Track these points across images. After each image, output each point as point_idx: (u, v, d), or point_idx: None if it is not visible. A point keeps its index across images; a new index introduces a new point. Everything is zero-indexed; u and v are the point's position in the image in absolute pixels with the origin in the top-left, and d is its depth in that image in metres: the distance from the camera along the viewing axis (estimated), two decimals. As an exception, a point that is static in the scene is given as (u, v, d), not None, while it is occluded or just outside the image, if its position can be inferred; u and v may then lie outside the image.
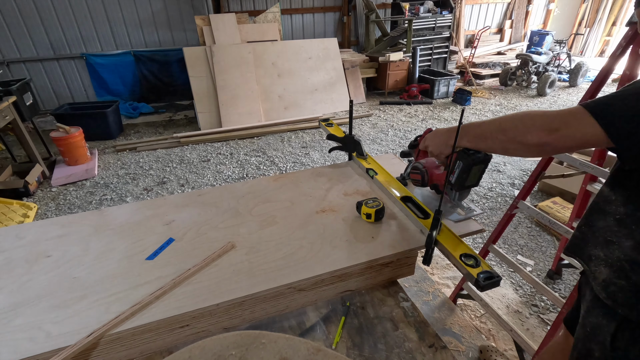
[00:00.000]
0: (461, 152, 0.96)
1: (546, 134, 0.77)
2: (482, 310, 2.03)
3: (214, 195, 1.28)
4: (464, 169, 0.95)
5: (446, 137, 0.99)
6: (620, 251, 0.83)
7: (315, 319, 0.96)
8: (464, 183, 0.98)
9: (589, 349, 0.91)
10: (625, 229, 0.82)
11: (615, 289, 0.83)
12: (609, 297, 0.84)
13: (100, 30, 5.61)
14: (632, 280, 0.81)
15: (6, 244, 1.06)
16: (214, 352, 0.68)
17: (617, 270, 0.83)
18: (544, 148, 0.79)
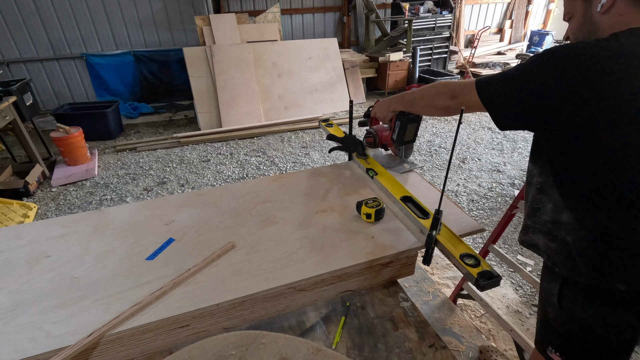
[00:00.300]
0: (399, 114, 1.22)
1: (449, 98, 0.99)
2: (482, 310, 2.03)
3: (214, 195, 1.28)
4: (401, 126, 1.22)
5: (388, 104, 1.24)
6: (545, 215, 0.96)
7: (315, 319, 0.96)
8: (402, 139, 1.25)
9: (545, 311, 1.02)
10: (545, 195, 0.95)
11: (550, 252, 0.95)
12: (549, 259, 0.96)
13: (100, 30, 5.61)
14: (558, 238, 0.92)
15: (6, 244, 1.06)
16: (214, 352, 0.68)
17: (547, 233, 0.95)
18: (449, 110, 1.01)
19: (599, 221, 0.85)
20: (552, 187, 0.92)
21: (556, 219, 0.92)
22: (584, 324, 0.92)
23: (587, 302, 0.91)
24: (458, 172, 3.69)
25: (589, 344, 0.95)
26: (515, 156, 3.97)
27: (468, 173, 3.66)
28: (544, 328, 1.05)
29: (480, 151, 4.12)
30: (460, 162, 3.89)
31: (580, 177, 0.85)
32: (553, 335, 1.02)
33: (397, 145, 1.30)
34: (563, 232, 0.91)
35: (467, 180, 3.53)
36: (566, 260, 0.90)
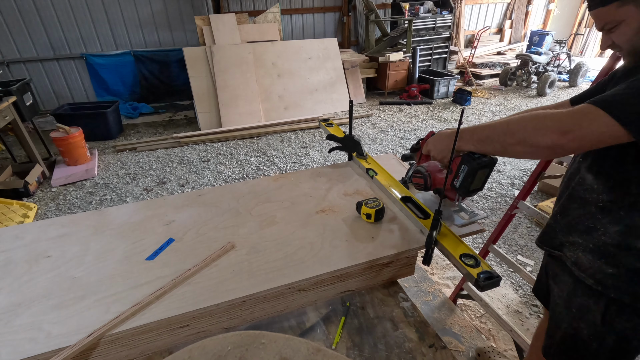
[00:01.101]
0: (466, 156, 0.93)
1: (559, 135, 0.75)
2: (482, 310, 2.03)
3: (214, 196, 1.28)
4: (469, 172, 0.92)
5: (449, 141, 0.97)
6: (606, 237, 0.87)
7: (315, 319, 0.96)
8: (469, 187, 0.95)
9: (576, 327, 0.97)
10: (611, 216, 0.86)
11: (602, 276, 0.88)
12: (598, 283, 0.89)
13: (100, 30, 5.61)
14: (622, 264, 0.85)
15: (6, 244, 1.06)
16: (214, 352, 0.68)
17: (605, 256, 0.88)
18: (556, 150, 0.78)
19: None
20: (630, 209, 0.83)
21: (627, 244, 0.84)
22: (623, 335, 0.91)
23: (631, 317, 0.88)
24: (458, 172, 3.69)
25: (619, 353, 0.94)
26: (515, 156, 3.97)
27: (468, 173, 3.65)
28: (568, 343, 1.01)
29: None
30: (460, 162, 3.88)
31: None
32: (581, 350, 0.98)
33: (461, 194, 1.00)
34: (632, 259, 0.84)
35: (467, 180, 3.53)
36: (627, 286, 0.86)
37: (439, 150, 1.00)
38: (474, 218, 1.09)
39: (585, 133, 0.74)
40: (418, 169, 1.10)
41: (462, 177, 0.94)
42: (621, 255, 0.85)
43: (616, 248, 0.86)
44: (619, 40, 0.82)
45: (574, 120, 0.75)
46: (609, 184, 0.86)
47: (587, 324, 0.94)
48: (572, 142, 0.75)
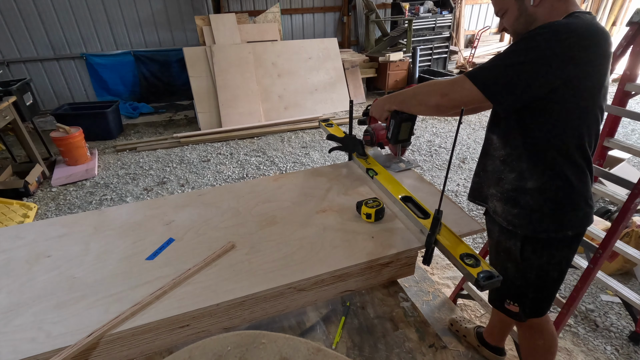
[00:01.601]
0: (393, 113, 1.22)
1: (440, 97, 1.03)
2: (482, 310, 2.03)
3: (214, 195, 1.28)
4: (395, 125, 1.22)
5: (383, 103, 1.25)
6: (508, 184, 1.11)
7: (315, 319, 0.96)
8: (397, 137, 1.24)
9: (505, 268, 1.20)
10: (509, 165, 1.10)
11: (511, 217, 1.11)
12: (509, 224, 1.12)
13: (100, 30, 5.61)
14: (521, 204, 1.09)
15: (6, 244, 1.06)
16: (214, 352, 0.68)
17: (509, 200, 1.11)
18: (440, 108, 1.04)
19: (564, 182, 1.03)
20: (518, 158, 1.07)
21: (520, 187, 1.08)
22: (540, 269, 1.14)
23: (543, 251, 1.11)
24: (458, 172, 3.69)
25: (541, 286, 1.18)
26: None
27: (468, 173, 3.66)
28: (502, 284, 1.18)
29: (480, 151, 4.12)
30: (460, 162, 3.89)
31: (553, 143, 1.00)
32: (511, 288, 1.22)
33: (392, 143, 1.30)
34: (527, 197, 1.07)
35: (467, 180, 3.53)
36: (529, 222, 1.09)
37: (377, 111, 1.28)
38: (409, 166, 1.39)
39: (457, 96, 0.99)
40: (367, 129, 1.41)
41: (391, 129, 1.24)
42: (518, 197, 1.09)
43: (514, 192, 1.10)
44: (506, 24, 1.06)
45: (450, 86, 1.01)
46: (503, 141, 1.10)
47: (512, 264, 1.18)
48: (448, 102, 1.01)
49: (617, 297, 2.08)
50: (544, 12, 0.98)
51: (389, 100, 1.22)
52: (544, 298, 1.22)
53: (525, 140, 1.04)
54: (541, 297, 1.21)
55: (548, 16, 0.97)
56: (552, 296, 1.23)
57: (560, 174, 1.03)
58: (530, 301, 1.21)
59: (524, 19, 1.01)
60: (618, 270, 2.25)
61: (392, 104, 1.21)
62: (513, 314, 1.25)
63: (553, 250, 1.12)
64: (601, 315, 2.01)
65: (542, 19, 0.98)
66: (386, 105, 1.23)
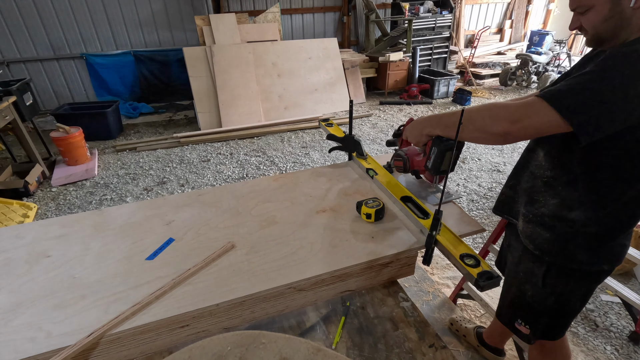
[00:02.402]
0: (436, 139, 1.03)
1: (509, 124, 0.85)
2: (482, 310, 2.03)
3: (214, 195, 1.28)
4: (438, 154, 1.03)
5: (422, 126, 1.07)
6: (546, 209, 1.00)
7: (315, 319, 0.96)
8: (439, 167, 1.05)
9: (522, 290, 1.12)
10: (552, 189, 0.98)
11: (541, 241, 1.02)
12: (537, 248, 1.03)
13: (100, 30, 5.61)
14: (556, 231, 0.99)
15: (6, 244, 1.06)
16: (214, 352, 0.68)
17: (542, 225, 1.01)
18: (507, 137, 0.88)
19: (615, 220, 0.93)
20: (568, 185, 0.95)
21: (561, 215, 0.97)
22: (562, 297, 1.06)
23: (569, 279, 1.03)
24: (458, 172, 3.69)
25: (559, 312, 1.10)
26: (515, 156, 3.97)
27: (468, 173, 3.66)
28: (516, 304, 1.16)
29: (480, 151, 4.12)
30: (460, 162, 3.89)
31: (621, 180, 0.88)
32: (526, 310, 1.13)
33: (432, 174, 1.12)
34: (565, 226, 0.97)
35: (467, 180, 3.53)
36: (562, 250, 0.99)
37: (414, 135, 1.10)
38: (449, 198, 1.19)
39: (531, 122, 0.83)
40: (398, 153, 1.21)
41: (432, 158, 1.05)
42: (555, 224, 0.99)
43: (552, 218, 0.99)
44: (586, 24, 0.88)
45: (522, 111, 0.84)
46: (554, 162, 0.97)
47: (531, 286, 1.09)
48: (519, 131, 0.85)
49: (617, 297, 2.08)
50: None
51: (431, 123, 1.04)
52: (559, 324, 1.13)
53: (586, 170, 0.91)
54: (556, 324, 1.13)
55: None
56: (568, 323, 1.14)
57: (613, 212, 0.92)
58: (544, 325, 1.12)
59: (615, 22, 0.83)
60: (618, 270, 2.25)
61: (434, 128, 1.02)
62: (522, 334, 1.17)
63: (581, 281, 1.03)
64: (601, 315, 2.01)
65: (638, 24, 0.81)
66: (426, 129, 1.05)
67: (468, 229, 1.07)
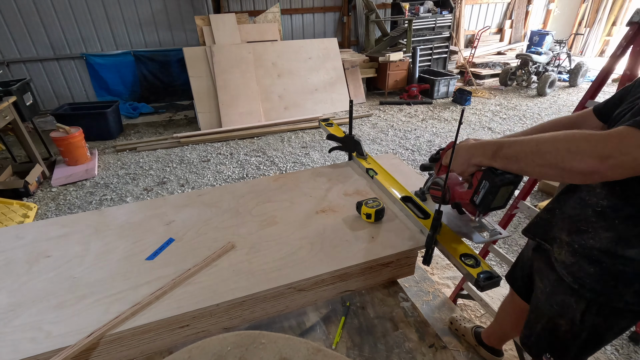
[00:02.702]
0: (488, 171, 0.85)
1: (598, 162, 0.68)
2: (482, 310, 2.03)
3: (214, 195, 1.28)
4: (490, 189, 0.85)
5: (470, 155, 0.89)
6: (595, 241, 0.87)
7: (315, 319, 0.96)
8: (490, 205, 0.87)
9: (556, 323, 1.00)
10: (606, 221, 0.85)
11: (583, 275, 0.89)
12: (575, 281, 0.91)
13: (100, 30, 5.61)
14: (603, 266, 0.86)
15: (6, 244, 1.06)
16: (214, 352, 0.68)
17: (589, 258, 0.88)
18: (593, 177, 0.70)
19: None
20: (628, 219, 0.82)
21: (615, 251, 0.84)
22: (596, 332, 0.95)
23: (610, 317, 0.92)
24: (458, 172, 3.69)
25: (589, 346, 0.99)
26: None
27: (468, 173, 3.65)
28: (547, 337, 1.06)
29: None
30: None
31: None
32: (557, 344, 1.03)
33: (481, 211, 0.93)
34: (616, 263, 0.84)
35: (467, 180, 3.52)
36: (605, 287, 0.87)
37: (459, 164, 0.92)
38: (495, 237, 1.00)
39: (627, 159, 0.66)
40: (436, 181, 1.03)
41: (482, 193, 0.87)
42: (606, 260, 0.86)
43: (602, 253, 0.86)
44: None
45: (613, 144, 0.67)
46: (613, 191, 0.83)
47: (566, 321, 0.97)
48: (611, 169, 0.68)
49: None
50: None
51: (484, 151, 0.85)
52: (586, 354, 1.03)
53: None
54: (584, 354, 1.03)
55: None
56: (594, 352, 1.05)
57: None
58: (572, 357, 1.03)
59: None
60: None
61: (488, 159, 0.84)
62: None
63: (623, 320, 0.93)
64: (601, 315, 2.01)
65: None
66: (476, 158, 0.87)
67: (468, 229, 1.06)
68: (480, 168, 0.88)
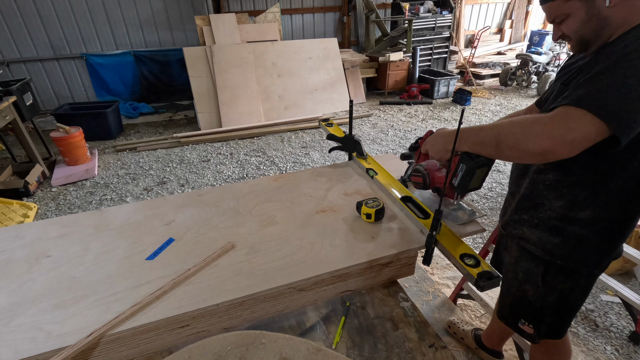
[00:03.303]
0: (464, 155, 0.94)
1: (550, 142, 0.77)
2: (482, 310, 2.03)
3: (214, 195, 1.28)
4: (467, 171, 0.93)
5: (446, 141, 0.98)
6: (551, 211, 1.00)
7: (315, 319, 0.96)
8: (467, 186, 0.95)
9: (524, 290, 1.12)
10: (555, 191, 0.97)
11: (551, 246, 1.01)
12: (547, 253, 1.03)
13: (100, 30, 5.61)
14: (564, 233, 0.98)
15: (6, 244, 1.06)
16: (214, 352, 0.68)
17: (550, 229, 1.01)
18: (547, 156, 0.79)
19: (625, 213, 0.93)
20: (573, 185, 0.93)
21: (569, 216, 0.96)
22: (561, 294, 1.07)
23: (567, 278, 1.04)
24: (458, 172, 3.69)
25: (560, 310, 1.11)
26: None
27: (468, 173, 3.65)
28: (518, 304, 1.17)
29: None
30: (460, 162, 3.88)
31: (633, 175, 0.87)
32: (528, 309, 1.14)
33: (459, 192, 1.02)
34: (575, 227, 0.96)
35: (467, 180, 3.52)
36: (571, 252, 0.99)
37: (437, 149, 1.01)
38: (472, 217, 1.09)
39: (576, 136, 0.75)
40: (417, 168, 1.10)
41: (460, 175, 0.95)
42: (564, 226, 0.98)
43: (560, 221, 0.98)
44: (568, 31, 0.90)
45: (559, 123, 0.77)
46: (556, 165, 0.95)
47: (531, 285, 1.10)
48: (561, 147, 0.77)
49: (617, 297, 2.08)
50: (620, 14, 0.82)
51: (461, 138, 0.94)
52: (562, 322, 1.14)
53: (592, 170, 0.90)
54: (559, 321, 1.13)
55: (626, 17, 0.82)
56: (570, 320, 1.15)
57: (624, 205, 0.91)
58: (547, 324, 1.13)
59: (594, 23, 0.84)
60: (618, 270, 2.25)
61: (461, 144, 0.94)
62: (526, 334, 1.18)
63: (581, 279, 1.04)
64: (601, 315, 2.01)
65: (618, 21, 0.83)
66: (451, 145, 0.95)
67: (468, 229, 1.07)
68: (457, 153, 0.96)
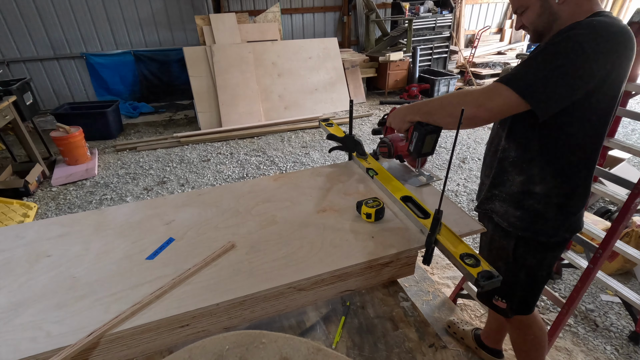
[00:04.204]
0: (417, 125, 1.11)
1: (475, 108, 0.95)
2: (482, 310, 2.03)
3: (214, 195, 1.28)
4: (419, 138, 1.10)
5: (404, 113, 1.16)
6: (515, 186, 1.12)
7: (315, 319, 0.96)
8: (420, 151, 1.12)
9: (497, 267, 1.22)
10: (517, 168, 1.11)
11: (513, 219, 1.15)
12: (510, 225, 1.16)
13: (100, 30, 5.61)
14: (525, 207, 1.11)
15: (6, 244, 1.06)
16: (214, 352, 0.68)
17: (513, 202, 1.14)
18: (475, 120, 0.98)
19: (573, 188, 1.06)
20: (529, 162, 1.07)
21: (527, 190, 1.10)
22: (530, 269, 1.18)
23: (536, 252, 1.16)
24: (458, 172, 3.69)
25: (529, 284, 1.22)
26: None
27: (468, 173, 3.66)
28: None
29: (480, 151, 4.12)
30: (460, 162, 3.89)
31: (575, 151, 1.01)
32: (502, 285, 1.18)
33: (414, 157, 1.20)
34: (532, 201, 1.10)
35: (467, 180, 3.53)
36: (531, 224, 1.12)
37: (397, 122, 1.19)
38: (430, 180, 1.27)
39: (494, 105, 0.94)
40: (383, 139, 1.30)
41: (414, 142, 1.13)
42: (524, 199, 1.11)
43: (520, 194, 1.12)
44: (526, 22, 1.03)
45: (485, 95, 0.95)
46: (516, 143, 1.09)
47: (503, 262, 1.22)
48: (484, 113, 0.95)
49: (617, 297, 2.08)
50: (568, 10, 0.95)
51: (411, 110, 1.13)
52: (531, 296, 1.27)
53: (543, 147, 1.03)
54: (528, 295, 1.26)
55: (572, 14, 0.94)
56: (538, 294, 1.27)
57: (570, 180, 1.05)
58: (518, 298, 1.25)
59: (547, 17, 0.98)
60: (618, 270, 2.25)
61: (415, 115, 1.11)
62: (500, 309, 1.29)
63: (546, 252, 1.16)
64: (601, 315, 2.01)
65: (565, 16, 0.95)
66: (408, 116, 1.14)
67: (468, 229, 1.06)
68: (413, 123, 1.13)
